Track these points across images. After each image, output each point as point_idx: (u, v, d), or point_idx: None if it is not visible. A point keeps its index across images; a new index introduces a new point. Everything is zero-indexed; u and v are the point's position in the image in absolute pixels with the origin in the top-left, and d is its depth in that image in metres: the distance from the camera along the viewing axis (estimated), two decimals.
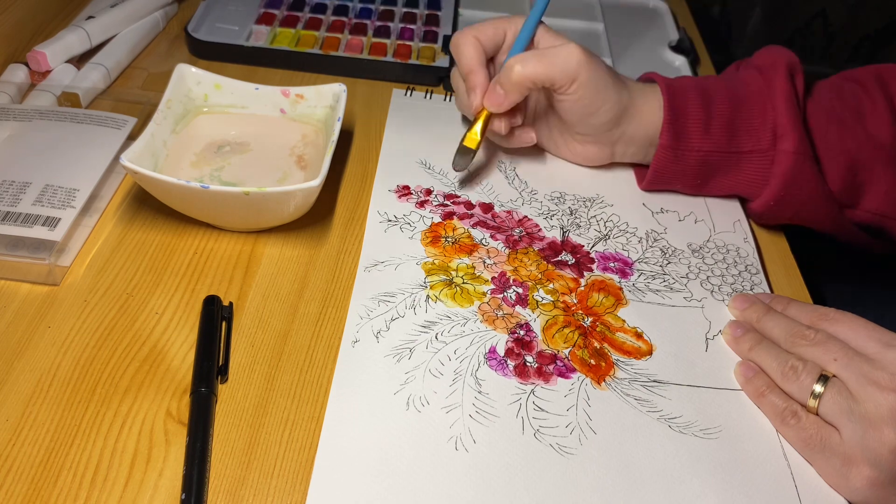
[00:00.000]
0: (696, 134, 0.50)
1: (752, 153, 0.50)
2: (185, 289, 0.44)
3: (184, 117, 0.51)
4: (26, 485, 0.35)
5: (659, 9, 0.79)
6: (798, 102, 0.49)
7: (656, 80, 0.52)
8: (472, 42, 0.50)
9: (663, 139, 0.50)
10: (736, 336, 0.44)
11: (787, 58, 0.51)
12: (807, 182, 0.49)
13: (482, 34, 0.50)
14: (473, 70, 0.50)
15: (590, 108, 0.49)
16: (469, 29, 0.51)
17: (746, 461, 0.39)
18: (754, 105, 0.50)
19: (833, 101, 0.52)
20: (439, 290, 0.45)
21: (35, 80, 0.59)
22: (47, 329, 0.42)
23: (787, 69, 0.50)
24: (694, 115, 0.49)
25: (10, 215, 0.45)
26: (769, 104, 0.49)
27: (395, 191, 0.52)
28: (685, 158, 0.50)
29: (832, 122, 0.50)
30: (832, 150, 0.50)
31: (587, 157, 0.54)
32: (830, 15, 1.16)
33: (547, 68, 0.47)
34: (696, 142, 0.50)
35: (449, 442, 0.38)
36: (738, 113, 0.50)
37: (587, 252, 0.49)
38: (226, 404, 0.39)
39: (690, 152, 0.50)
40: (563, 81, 0.48)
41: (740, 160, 0.50)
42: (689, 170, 0.51)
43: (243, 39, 0.66)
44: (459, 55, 0.51)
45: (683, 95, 0.50)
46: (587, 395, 0.41)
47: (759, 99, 0.50)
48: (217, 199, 0.43)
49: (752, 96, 0.50)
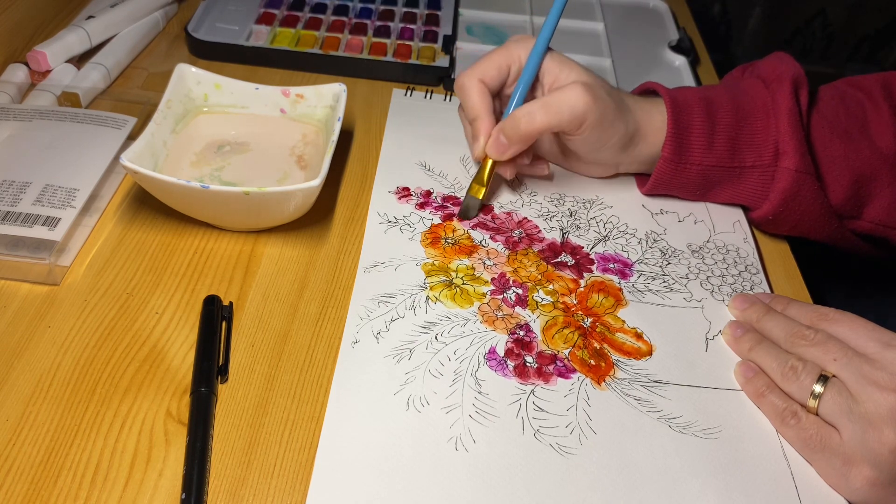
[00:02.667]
0: (698, 148, 0.49)
1: (754, 168, 0.50)
2: (185, 289, 0.44)
3: (184, 117, 0.51)
4: (26, 485, 0.35)
5: (659, 9, 0.79)
6: (801, 120, 0.49)
7: (660, 92, 0.51)
8: (476, 87, 0.49)
9: (665, 152, 0.49)
10: (736, 336, 0.44)
11: (793, 72, 0.50)
12: (807, 199, 0.49)
13: (486, 75, 0.50)
14: (479, 117, 0.49)
15: (598, 144, 0.49)
16: (473, 70, 0.50)
17: (746, 461, 0.39)
18: (758, 120, 0.50)
19: (838, 111, 0.51)
20: (439, 290, 0.45)
21: (35, 79, 0.59)
22: (47, 329, 0.42)
23: (793, 84, 0.50)
24: (698, 129, 0.49)
25: (10, 215, 0.45)
26: (772, 120, 0.49)
27: (395, 192, 0.52)
28: (687, 171, 0.50)
29: (836, 135, 0.50)
30: (836, 165, 0.50)
31: (592, 175, 0.55)
32: (830, 15, 1.16)
33: (554, 119, 0.47)
34: (699, 156, 0.50)
35: (449, 442, 0.38)
36: (742, 128, 0.50)
37: (587, 253, 0.49)
38: (226, 404, 0.39)
39: (692, 166, 0.50)
40: (570, 128, 0.48)
41: (742, 174, 0.50)
42: (691, 182, 0.51)
43: (243, 39, 0.66)
44: (464, 100, 0.50)
45: (688, 109, 0.49)
46: (587, 395, 0.41)
47: (763, 114, 0.50)
48: (217, 199, 0.43)
49: (757, 111, 0.50)
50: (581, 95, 0.46)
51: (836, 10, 1.16)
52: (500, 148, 0.48)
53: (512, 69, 0.50)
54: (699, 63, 0.72)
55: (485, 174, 0.50)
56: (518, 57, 0.50)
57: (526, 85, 0.50)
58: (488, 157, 0.50)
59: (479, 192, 0.50)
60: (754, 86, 0.51)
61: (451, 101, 0.62)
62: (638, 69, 0.69)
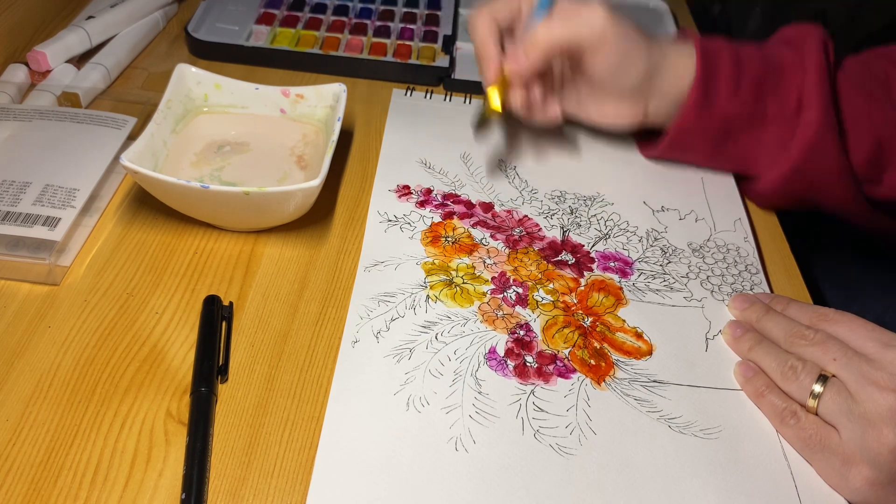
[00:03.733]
0: (725, 92, 0.49)
1: (776, 119, 0.49)
2: (185, 289, 0.45)
3: (184, 117, 0.51)
4: (26, 485, 0.35)
5: (659, 9, 0.79)
6: (830, 75, 0.49)
7: (689, 36, 0.51)
8: (486, 18, 0.49)
9: (693, 94, 0.49)
10: (736, 336, 0.44)
11: (819, 32, 0.50)
12: (828, 155, 0.48)
13: (498, 13, 0.50)
14: (486, 43, 0.49)
15: (621, 66, 0.48)
16: (484, 7, 0.50)
17: (746, 461, 0.39)
18: (786, 70, 0.49)
19: (862, 74, 0.51)
20: (439, 290, 0.45)
21: (35, 80, 0.59)
22: (47, 329, 0.42)
23: (821, 40, 0.49)
24: (725, 72, 0.49)
25: (10, 215, 0.45)
26: (799, 73, 0.49)
27: (395, 190, 0.52)
28: (710, 118, 0.50)
29: (861, 94, 0.50)
30: (859, 124, 0.49)
31: (619, 115, 0.52)
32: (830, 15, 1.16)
33: (573, 31, 0.46)
34: (724, 101, 0.49)
35: (449, 442, 0.38)
36: (768, 77, 0.49)
37: (587, 252, 0.49)
38: (226, 404, 0.39)
39: (716, 112, 0.49)
40: (590, 43, 0.47)
41: (763, 125, 0.50)
42: (710, 132, 0.51)
43: (243, 39, 0.66)
44: (473, 32, 0.50)
45: (717, 53, 0.49)
46: (587, 395, 0.41)
47: (791, 66, 0.49)
48: (217, 199, 0.43)
49: (785, 63, 0.50)
50: (601, 12, 0.46)
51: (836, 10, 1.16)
52: (519, 61, 0.48)
53: (524, 7, 0.50)
54: None
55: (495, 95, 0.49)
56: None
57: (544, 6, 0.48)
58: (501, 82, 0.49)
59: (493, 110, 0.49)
60: (780, 47, 0.51)
61: (451, 101, 0.62)
62: None
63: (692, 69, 0.49)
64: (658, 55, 0.49)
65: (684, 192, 0.55)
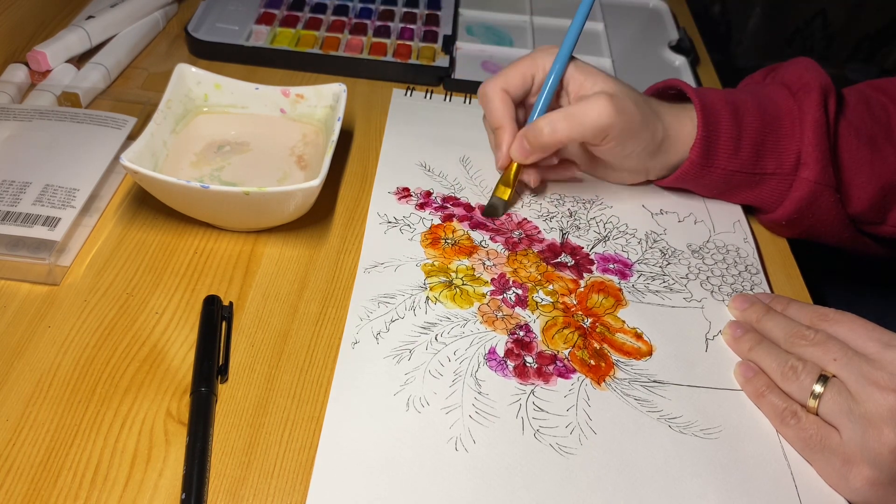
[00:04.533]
0: (725, 153, 0.49)
1: (774, 175, 0.50)
2: (185, 289, 0.45)
3: (184, 117, 0.51)
4: (26, 485, 0.35)
5: (659, 9, 0.79)
6: (829, 131, 0.49)
7: (688, 93, 0.51)
8: (499, 95, 0.49)
9: (693, 155, 0.49)
10: (736, 336, 0.44)
11: (821, 80, 0.50)
12: (823, 209, 0.49)
13: (510, 84, 0.50)
14: (502, 126, 0.50)
15: (624, 153, 0.49)
16: (497, 79, 0.50)
17: (746, 461, 0.39)
18: (784, 127, 0.49)
19: (864, 117, 0.51)
20: (439, 291, 0.45)
21: (35, 79, 0.59)
22: (47, 329, 0.42)
23: (822, 94, 0.49)
24: (725, 134, 0.49)
25: (10, 215, 0.45)
26: (797, 130, 0.49)
27: (395, 193, 0.52)
28: (711, 175, 0.51)
29: (863, 145, 0.50)
30: (861, 174, 0.50)
31: (626, 179, 0.55)
32: (830, 15, 1.16)
33: (576, 130, 0.47)
34: (724, 161, 0.50)
35: (449, 442, 0.38)
36: (767, 135, 0.49)
37: (586, 254, 0.49)
38: (226, 404, 0.39)
39: (717, 170, 0.50)
40: (593, 140, 0.48)
41: (762, 180, 0.51)
42: (712, 184, 0.52)
43: (243, 39, 0.66)
44: (487, 109, 0.50)
45: (716, 113, 0.49)
46: (587, 395, 0.41)
47: (789, 123, 0.49)
48: (217, 199, 0.43)
49: (783, 119, 0.50)
50: (604, 107, 0.46)
51: (836, 10, 1.16)
52: (522, 152, 0.49)
53: (536, 78, 0.50)
54: (699, 63, 0.72)
55: (510, 175, 0.50)
56: (542, 66, 0.50)
57: (549, 92, 0.49)
58: (513, 162, 0.50)
59: (504, 193, 0.51)
60: (779, 93, 0.51)
61: (451, 102, 0.62)
62: (638, 69, 0.68)
63: (693, 133, 0.49)
64: (661, 130, 0.49)
65: (683, 197, 0.55)
